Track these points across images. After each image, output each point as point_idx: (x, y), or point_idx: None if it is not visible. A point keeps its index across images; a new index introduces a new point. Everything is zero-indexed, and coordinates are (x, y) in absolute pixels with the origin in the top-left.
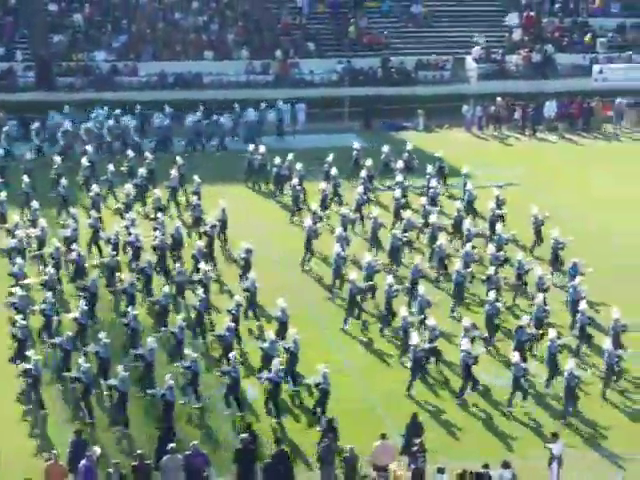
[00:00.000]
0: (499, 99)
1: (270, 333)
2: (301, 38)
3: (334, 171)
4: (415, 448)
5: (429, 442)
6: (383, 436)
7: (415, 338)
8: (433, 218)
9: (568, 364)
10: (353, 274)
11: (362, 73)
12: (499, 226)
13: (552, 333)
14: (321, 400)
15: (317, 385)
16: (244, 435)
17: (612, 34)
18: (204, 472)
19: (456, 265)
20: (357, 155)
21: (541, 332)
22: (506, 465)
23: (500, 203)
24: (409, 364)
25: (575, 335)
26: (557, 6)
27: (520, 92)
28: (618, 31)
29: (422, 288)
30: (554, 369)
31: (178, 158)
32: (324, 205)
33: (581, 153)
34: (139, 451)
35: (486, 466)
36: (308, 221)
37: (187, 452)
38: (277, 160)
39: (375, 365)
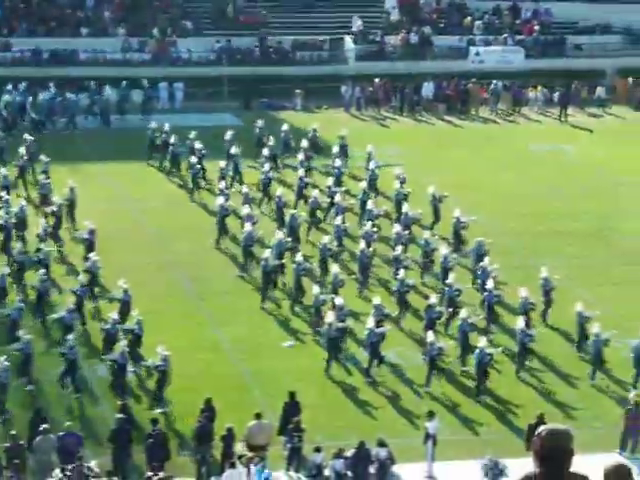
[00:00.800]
0: (377, 80)
1: (114, 314)
2: (179, 16)
3: (234, 149)
4: (291, 427)
5: (307, 421)
6: (258, 415)
7: (331, 317)
8: (338, 198)
9: (479, 342)
10: (266, 252)
11: (240, 52)
12: (406, 205)
13: (464, 312)
14: (160, 383)
15: (156, 367)
16: (120, 415)
17: (488, 16)
18: (78, 452)
19: (360, 245)
20: (260, 134)
21: (453, 310)
22: (381, 443)
23: (402, 182)
24: (325, 344)
25: (483, 314)
26: None
27: (398, 73)
28: (494, 13)
29: (335, 267)
30: (466, 347)
31: (26, 136)
32: (227, 183)
33: (458, 135)
34: (12, 432)
35: (362, 444)
36: (220, 200)
37: (60, 433)
38: (173, 139)
39: (255, 344)
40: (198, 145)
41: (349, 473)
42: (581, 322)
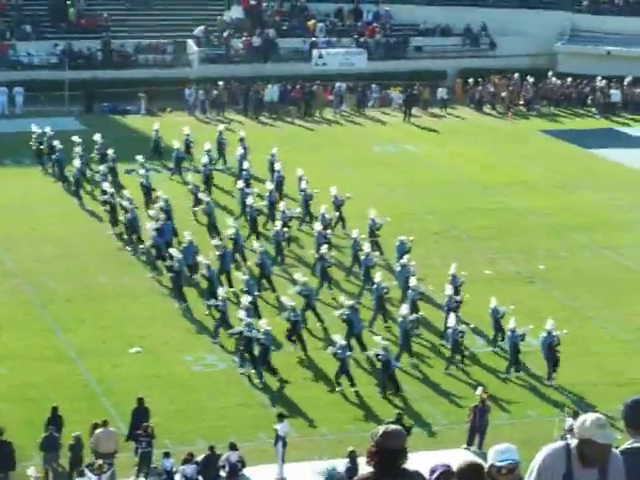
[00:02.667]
0: (221, 83)
1: None
2: (17, 19)
3: (110, 151)
4: (139, 432)
5: (156, 427)
6: (105, 423)
7: (404, 309)
8: (249, 200)
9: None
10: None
11: (82, 56)
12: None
13: (404, 309)
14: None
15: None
16: None
17: (330, 19)
18: None
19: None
20: (156, 137)
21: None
22: (233, 447)
23: (307, 182)
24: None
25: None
26: None
27: (242, 76)
28: (336, 16)
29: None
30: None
31: None
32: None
33: (303, 137)
34: None
35: (211, 448)
36: (126, 204)
37: None
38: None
39: (97, 347)
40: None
41: (200, 478)
42: (496, 317)
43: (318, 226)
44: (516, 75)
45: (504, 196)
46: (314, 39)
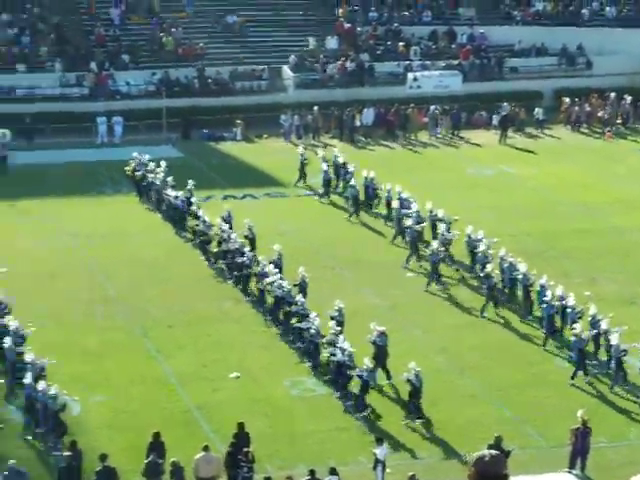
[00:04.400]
0: (316, 108)
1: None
2: (115, 50)
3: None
4: (240, 458)
5: (256, 452)
6: (205, 448)
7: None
8: (409, 222)
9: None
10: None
11: (179, 84)
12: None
13: (578, 328)
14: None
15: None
16: (68, 453)
17: (424, 42)
18: None
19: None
20: (303, 159)
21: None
22: (332, 471)
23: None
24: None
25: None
26: (371, 15)
27: (337, 100)
28: (430, 39)
29: None
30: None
31: None
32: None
33: (398, 160)
34: None
35: (312, 472)
36: (409, 221)
37: (5, 472)
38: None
39: (197, 373)
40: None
41: None
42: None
43: (435, 244)
44: (613, 94)
45: (604, 215)
46: (408, 62)
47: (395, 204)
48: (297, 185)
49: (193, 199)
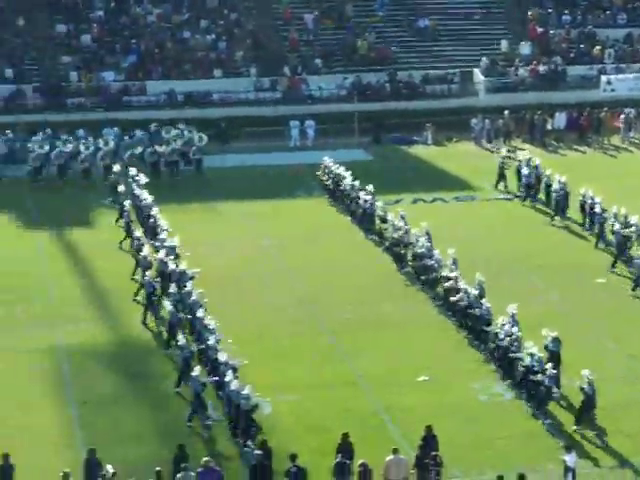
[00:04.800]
0: (507, 112)
1: None
2: (309, 54)
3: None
4: (428, 461)
5: (444, 456)
6: (395, 450)
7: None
8: (617, 226)
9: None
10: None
11: (370, 88)
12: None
13: None
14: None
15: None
16: (259, 451)
17: (619, 45)
18: None
19: None
20: (502, 164)
21: None
22: (521, 478)
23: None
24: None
25: None
26: (564, 18)
27: (528, 104)
28: (625, 41)
29: None
30: None
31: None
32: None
33: (591, 164)
34: (157, 468)
35: (500, 478)
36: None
37: (199, 469)
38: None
39: (385, 376)
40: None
41: None
42: None
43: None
44: None
45: None
46: (602, 65)
47: (597, 208)
48: (497, 188)
49: (379, 202)
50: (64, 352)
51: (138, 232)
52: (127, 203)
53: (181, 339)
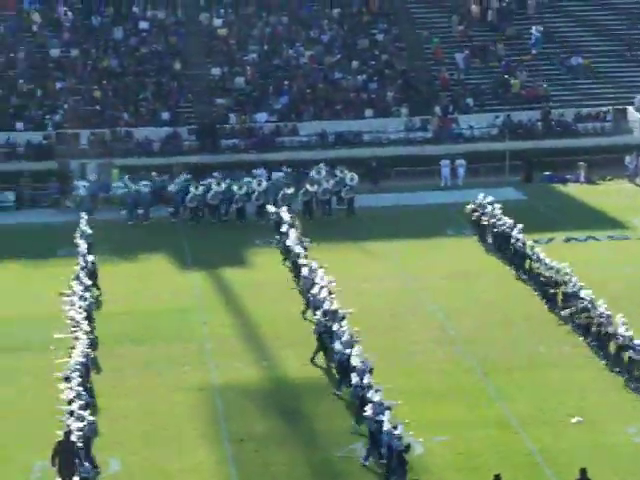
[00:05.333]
0: None
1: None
2: (459, 93)
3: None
4: None
5: None
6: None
7: None
8: None
9: None
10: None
11: (522, 126)
12: None
13: None
14: None
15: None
16: None
17: None
18: None
19: None
20: None
21: None
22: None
23: None
24: None
25: None
26: None
27: None
28: None
29: None
30: None
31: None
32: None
33: None
34: None
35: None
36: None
37: None
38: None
39: (538, 416)
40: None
41: None
42: None
43: None
44: None
45: None
46: None
47: None
48: None
49: (531, 241)
50: (219, 390)
51: (305, 271)
52: (291, 243)
53: (354, 378)
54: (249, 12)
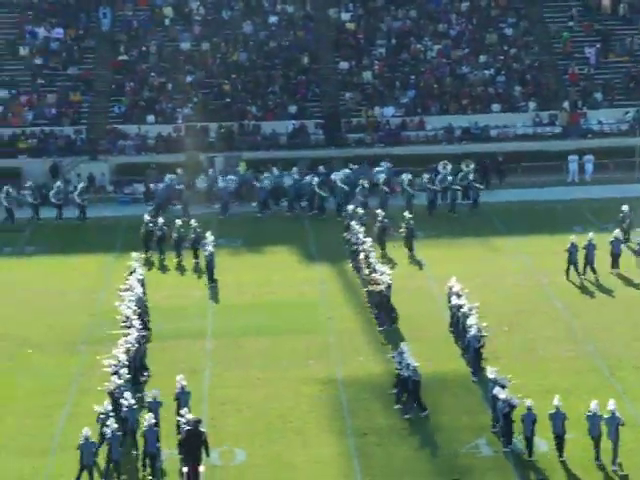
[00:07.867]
0: None
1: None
2: (589, 88)
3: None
4: None
5: None
6: None
7: None
8: None
9: None
10: None
11: None
12: None
13: None
14: None
15: None
16: None
17: None
18: None
19: None
20: None
21: None
22: None
23: None
24: None
25: None
26: None
27: None
28: None
29: None
30: None
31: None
32: None
33: None
34: None
35: None
36: None
37: None
38: None
39: None
40: None
41: None
42: None
43: None
44: None
45: None
46: None
47: None
48: None
49: None
50: (342, 384)
51: None
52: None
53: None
54: (377, 6)
